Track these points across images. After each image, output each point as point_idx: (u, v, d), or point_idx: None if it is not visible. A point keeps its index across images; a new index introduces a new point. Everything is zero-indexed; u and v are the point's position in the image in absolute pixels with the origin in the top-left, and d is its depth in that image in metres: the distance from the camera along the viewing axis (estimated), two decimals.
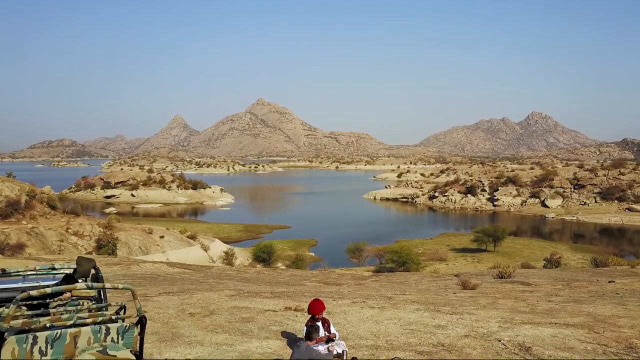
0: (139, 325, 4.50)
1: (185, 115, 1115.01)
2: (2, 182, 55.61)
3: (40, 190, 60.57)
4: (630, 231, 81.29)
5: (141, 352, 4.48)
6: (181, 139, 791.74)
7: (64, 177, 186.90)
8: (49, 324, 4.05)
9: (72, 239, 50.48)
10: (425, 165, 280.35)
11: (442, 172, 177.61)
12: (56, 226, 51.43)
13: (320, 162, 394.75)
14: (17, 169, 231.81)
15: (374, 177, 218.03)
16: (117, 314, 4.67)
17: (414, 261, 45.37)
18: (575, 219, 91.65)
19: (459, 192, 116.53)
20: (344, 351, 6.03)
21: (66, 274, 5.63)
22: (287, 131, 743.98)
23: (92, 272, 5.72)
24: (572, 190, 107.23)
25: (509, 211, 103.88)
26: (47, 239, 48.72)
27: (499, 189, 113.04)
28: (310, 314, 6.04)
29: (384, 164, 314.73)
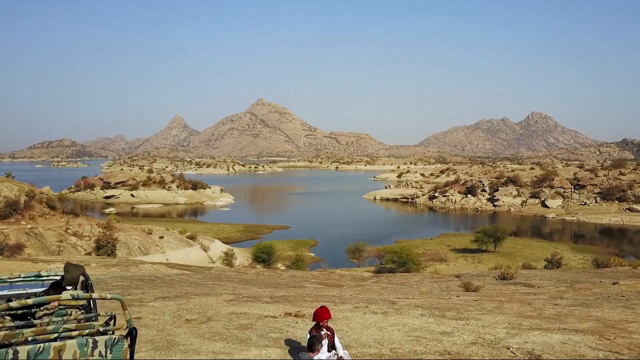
0: (129, 337, 4.21)
1: (185, 115, 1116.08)
2: (1, 183, 55.36)
3: (39, 190, 60.34)
4: (630, 231, 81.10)
5: None
6: (181, 139, 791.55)
7: (63, 178, 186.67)
8: (31, 338, 3.78)
9: (71, 239, 50.23)
10: (425, 165, 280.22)
11: (442, 172, 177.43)
12: (55, 226, 51.18)
13: (320, 163, 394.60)
14: (17, 169, 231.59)
15: (374, 177, 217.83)
16: (107, 324, 4.39)
17: (414, 262, 45.20)
18: (575, 219, 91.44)
19: (459, 192, 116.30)
20: None
21: (53, 281, 5.36)
22: (287, 131, 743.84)
23: (82, 279, 5.40)
24: (573, 190, 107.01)
25: (509, 211, 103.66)
26: (46, 240, 48.47)
27: (499, 189, 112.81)
28: (315, 321, 5.80)
29: (384, 164, 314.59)
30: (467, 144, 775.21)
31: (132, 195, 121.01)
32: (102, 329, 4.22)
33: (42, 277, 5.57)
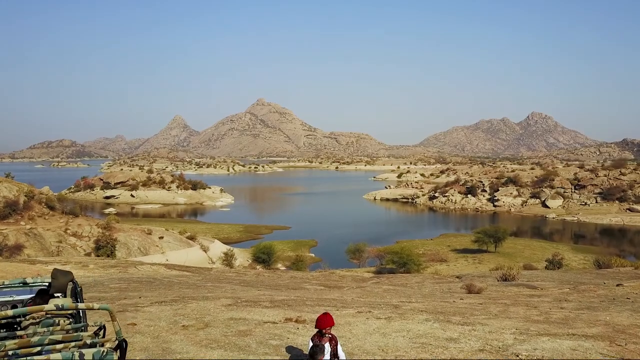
0: (118, 350, 3.95)
1: (185, 115, 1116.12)
2: (1, 183, 55.14)
3: (38, 190, 60.09)
4: (631, 232, 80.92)
5: None
6: (181, 139, 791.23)
7: (63, 178, 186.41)
8: (12, 352, 3.53)
9: (70, 239, 50.00)
10: (425, 165, 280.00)
11: (442, 172, 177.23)
12: (55, 227, 50.95)
13: (320, 163, 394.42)
14: (17, 169, 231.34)
15: (374, 177, 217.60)
16: (97, 335, 4.15)
17: (415, 262, 45.01)
18: (576, 219, 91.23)
19: (459, 192, 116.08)
20: None
21: (40, 288, 5.05)
22: (287, 131, 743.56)
23: (70, 286, 5.09)
24: (573, 190, 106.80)
25: (509, 211, 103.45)
26: (46, 240, 48.25)
27: (500, 189, 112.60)
28: (317, 328, 5.55)
29: (384, 164, 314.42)
30: (467, 144, 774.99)
31: (132, 195, 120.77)
32: (89, 341, 3.95)
33: (28, 284, 5.26)
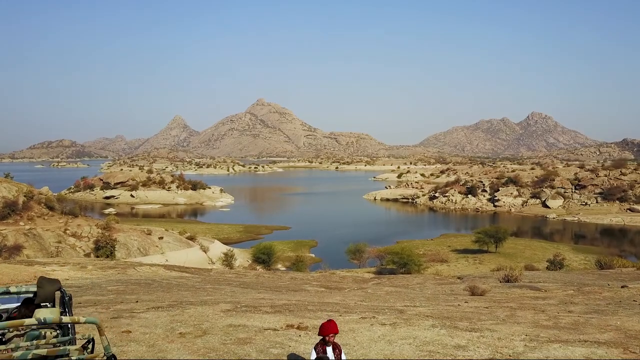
0: None
1: (185, 115, 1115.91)
2: (0, 183, 55.06)
3: (38, 191, 59.98)
4: (631, 232, 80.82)
5: None
6: (181, 140, 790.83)
7: (63, 178, 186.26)
8: None
9: (70, 240, 49.89)
10: (425, 165, 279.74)
11: (443, 172, 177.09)
12: (54, 227, 50.85)
13: (320, 163, 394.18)
14: (17, 169, 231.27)
15: (374, 177, 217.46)
16: (85, 349, 3.89)
17: (415, 262, 44.90)
18: (576, 219, 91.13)
19: (459, 192, 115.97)
20: None
21: (26, 297, 4.70)
22: (287, 132, 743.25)
23: (59, 295, 4.69)
24: (573, 190, 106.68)
25: (509, 212, 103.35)
26: (45, 241, 48.15)
27: (500, 189, 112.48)
28: (320, 335, 5.38)
29: (384, 165, 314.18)
30: (467, 144, 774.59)
31: (132, 195, 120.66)
32: (76, 357, 3.71)
33: (11, 292, 4.81)
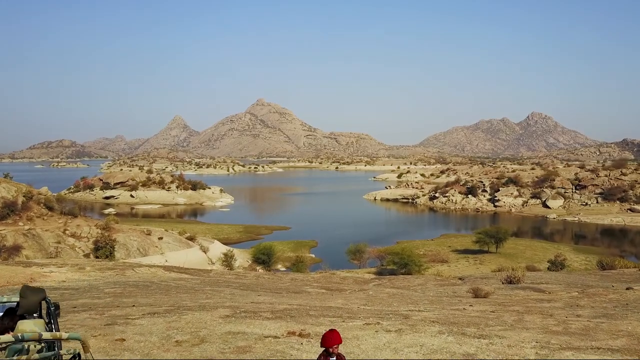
0: None
1: (185, 115, 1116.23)
2: None
3: (37, 191, 59.81)
4: (632, 232, 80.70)
5: None
6: (181, 140, 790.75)
7: (63, 178, 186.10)
8: None
9: (69, 240, 49.72)
10: (425, 165, 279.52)
11: (443, 172, 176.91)
12: (53, 227, 50.68)
13: (320, 163, 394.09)
14: (17, 169, 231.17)
15: (374, 177, 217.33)
16: None
17: (416, 263, 44.81)
18: (576, 219, 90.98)
19: (459, 192, 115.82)
20: None
21: (8, 308, 4.36)
22: (287, 132, 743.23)
23: (44, 306, 4.40)
24: (574, 190, 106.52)
25: (510, 212, 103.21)
26: (44, 241, 47.98)
27: (500, 189, 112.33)
28: (323, 346, 5.11)
29: (384, 165, 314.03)
30: (467, 144, 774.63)
31: (132, 195, 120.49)
32: None
33: None
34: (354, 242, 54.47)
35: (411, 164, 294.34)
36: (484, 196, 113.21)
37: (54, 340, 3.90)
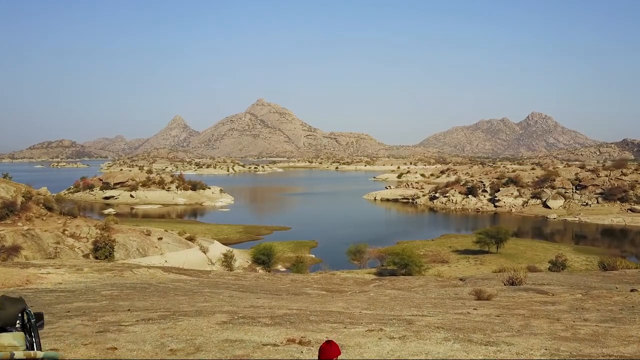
0: None
1: (185, 115, 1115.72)
2: None
3: (36, 191, 59.64)
4: (632, 232, 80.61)
5: None
6: (181, 140, 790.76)
7: (62, 178, 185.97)
8: None
9: (68, 240, 49.58)
10: (425, 165, 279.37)
11: (443, 172, 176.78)
12: (52, 228, 50.54)
13: (320, 163, 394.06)
14: (16, 169, 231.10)
15: (374, 177, 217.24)
16: None
17: (416, 263, 44.65)
18: (577, 219, 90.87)
19: (459, 192, 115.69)
20: None
21: None
22: (287, 132, 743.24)
23: (27, 318, 3.88)
24: (574, 190, 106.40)
25: (510, 212, 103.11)
26: (43, 241, 47.84)
27: (500, 189, 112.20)
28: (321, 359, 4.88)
29: (384, 165, 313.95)
30: (467, 144, 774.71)
31: (132, 196, 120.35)
32: None
33: None
34: (354, 242, 54.33)
35: (411, 164, 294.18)
36: (484, 196, 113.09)
37: (36, 346, 3.61)
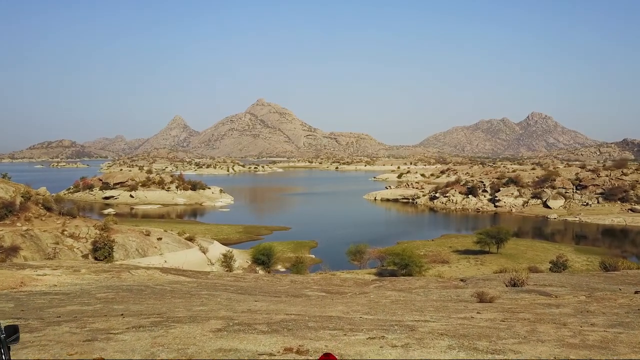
0: None
1: (185, 115, 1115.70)
2: None
3: (35, 191, 59.47)
4: (633, 232, 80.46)
5: None
6: (181, 140, 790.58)
7: (62, 178, 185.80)
8: None
9: (67, 241, 49.39)
10: (425, 165, 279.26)
11: (443, 172, 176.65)
12: (51, 228, 50.36)
13: (320, 163, 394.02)
14: (16, 169, 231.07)
15: (374, 177, 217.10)
16: None
17: (417, 264, 44.48)
18: (577, 219, 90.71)
19: (460, 192, 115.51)
20: None
21: None
22: (287, 132, 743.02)
23: None
24: (574, 190, 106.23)
25: (510, 212, 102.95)
26: (42, 242, 47.65)
27: (501, 189, 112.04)
28: None
29: (384, 165, 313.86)
30: (467, 144, 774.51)
31: (131, 196, 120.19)
32: None
33: None
34: (354, 242, 54.16)
35: (411, 164, 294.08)
36: (485, 196, 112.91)
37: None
